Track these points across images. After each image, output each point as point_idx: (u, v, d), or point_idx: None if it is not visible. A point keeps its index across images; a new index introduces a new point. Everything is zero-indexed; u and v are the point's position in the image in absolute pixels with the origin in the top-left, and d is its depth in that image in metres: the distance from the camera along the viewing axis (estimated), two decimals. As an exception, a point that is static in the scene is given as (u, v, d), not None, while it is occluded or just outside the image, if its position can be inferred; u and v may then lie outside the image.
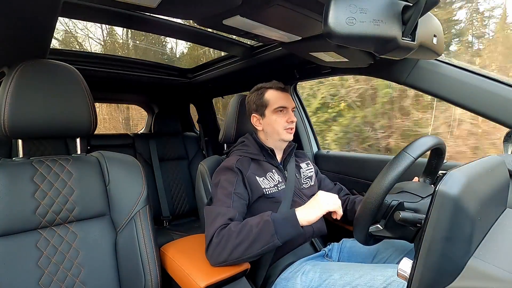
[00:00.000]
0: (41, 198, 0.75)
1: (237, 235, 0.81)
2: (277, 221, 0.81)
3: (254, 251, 0.80)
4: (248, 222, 0.84)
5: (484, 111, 0.85)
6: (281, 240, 0.79)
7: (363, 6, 0.52)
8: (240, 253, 0.80)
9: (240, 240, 0.80)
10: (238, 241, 0.80)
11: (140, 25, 1.14)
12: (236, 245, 0.80)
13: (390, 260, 0.95)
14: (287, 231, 0.80)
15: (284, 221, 0.81)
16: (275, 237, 0.79)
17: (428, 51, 0.72)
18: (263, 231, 0.80)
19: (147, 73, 1.80)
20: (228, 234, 0.82)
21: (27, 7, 0.62)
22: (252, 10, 0.75)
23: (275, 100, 1.06)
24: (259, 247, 0.80)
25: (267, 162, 1.06)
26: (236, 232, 0.81)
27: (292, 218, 0.81)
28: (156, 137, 2.18)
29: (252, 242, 0.79)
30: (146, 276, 0.83)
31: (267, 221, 0.81)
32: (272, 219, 0.81)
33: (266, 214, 0.84)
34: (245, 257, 0.81)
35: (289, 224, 0.81)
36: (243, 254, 0.80)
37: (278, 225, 0.80)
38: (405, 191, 0.72)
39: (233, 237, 0.81)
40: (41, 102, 0.74)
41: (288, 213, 0.84)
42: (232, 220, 0.86)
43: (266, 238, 0.79)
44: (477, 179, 0.50)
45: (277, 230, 0.79)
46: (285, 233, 0.80)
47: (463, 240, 0.45)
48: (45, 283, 0.72)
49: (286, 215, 0.83)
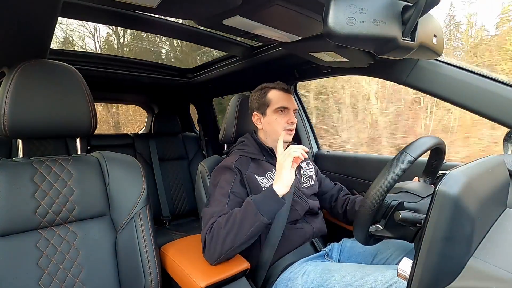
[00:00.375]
0: (41, 198, 0.75)
1: (224, 225, 0.82)
2: (257, 199, 0.82)
3: (243, 235, 0.80)
4: (234, 210, 0.85)
5: (484, 111, 0.85)
6: (265, 215, 0.80)
7: (363, 6, 0.52)
8: (231, 241, 0.81)
9: (228, 229, 0.81)
10: (226, 230, 0.81)
11: (140, 25, 1.14)
12: (225, 234, 0.81)
13: (390, 260, 0.95)
14: (269, 206, 0.81)
15: (263, 197, 0.83)
16: (259, 215, 0.80)
17: (428, 51, 0.72)
18: (246, 213, 0.81)
19: (147, 73, 1.81)
20: (217, 227, 0.84)
21: (27, 7, 0.62)
22: (252, 10, 0.76)
23: (277, 100, 1.07)
24: (247, 230, 0.80)
25: (267, 162, 1.06)
26: (223, 223, 0.83)
27: (270, 192, 0.82)
28: (156, 137, 2.18)
29: (239, 227, 0.80)
30: (146, 276, 0.83)
31: (248, 202, 0.83)
32: (253, 199, 0.83)
33: (248, 197, 0.85)
34: (238, 244, 0.81)
35: (269, 199, 0.82)
36: (234, 242, 0.81)
37: (259, 203, 0.81)
38: (405, 191, 0.72)
39: (222, 228, 0.82)
40: (41, 102, 0.74)
41: (266, 190, 0.84)
42: None
43: (251, 218, 0.80)
44: (477, 179, 0.50)
45: (259, 207, 0.80)
46: (268, 209, 0.81)
47: (463, 240, 0.45)
48: (45, 283, 0.72)
49: (265, 191, 0.84)
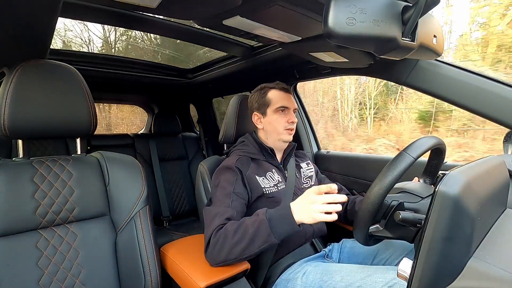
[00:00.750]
0: (41, 198, 0.75)
1: (233, 235, 0.80)
2: (273, 220, 0.79)
3: (252, 251, 0.80)
4: (245, 221, 0.83)
5: (484, 111, 0.85)
6: (278, 239, 0.78)
7: (363, 7, 0.52)
8: (238, 253, 0.80)
9: (237, 240, 0.80)
10: (235, 241, 0.80)
11: (140, 25, 1.14)
12: (233, 245, 0.80)
13: (390, 260, 0.95)
14: (283, 229, 0.79)
15: (279, 218, 0.79)
16: (271, 237, 0.78)
17: (428, 51, 0.72)
18: (259, 230, 0.79)
19: (147, 73, 1.80)
20: (225, 234, 0.82)
21: (27, 7, 0.62)
22: (252, 10, 0.76)
23: (277, 99, 1.07)
24: (257, 247, 0.79)
25: (267, 162, 1.06)
26: (232, 232, 0.81)
27: (288, 217, 0.78)
28: (156, 137, 2.18)
29: (249, 242, 0.79)
30: (146, 277, 0.83)
31: (263, 220, 0.80)
32: (268, 218, 0.79)
33: (262, 212, 0.83)
34: (244, 257, 0.81)
35: (285, 223, 0.79)
36: (241, 254, 0.80)
37: (274, 224, 0.78)
38: (405, 191, 0.72)
39: (230, 237, 0.81)
40: (41, 102, 0.74)
41: (283, 210, 0.80)
42: (230, 219, 0.86)
43: (263, 238, 0.78)
44: (477, 179, 0.50)
45: (273, 229, 0.78)
46: (282, 232, 0.79)
47: (463, 240, 0.45)
48: (45, 283, 0.72)
49: (282, 213, 0.80)
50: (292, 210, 0.79)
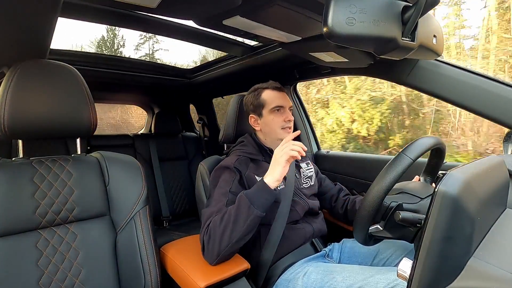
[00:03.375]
0: (41, 198, 0.75)
1: (220, 223, 0.83)
2: (249, 193, 0.84)
3: (240, 231, 0.81)
4: (228, 208, 0.86)
5: (484, 111, 0.85)
6: (259, 208, 0.81)
7: (363, 7, 0.52)
8: (228, 238, 0.82)
9: (224, 226, 0.82)
10: (222, 228, 0.82)
11: (140, 25, 1.14)
12: (222, 232, 0.82)
13: (391, 260, 0.95)
14: (261, 198, 0.83)
15: (255, 191, 0.84)
16: (252, 208, 0.81)
17: (428, 51, 0.72)
18: (240, 208, 0.82)
19: (147, 73, 1.80)
20: (213, 225, 0.84)
21: (27, 7, 0.62)
22: (252, 10, 0.76)
23: (271, 100, 1.07)
24: (242, 224, 0.81)
25: (266, 162, 1.06)
26: (218, 221, 0.84)
27: (262, 185, 0.84)
28: (156, 137, 2.18)
29: (234, 222, 0.81)
30: (146, 277, 0.83)
31: (241, 196, 0.85)
32: (245, 193, 0.85)
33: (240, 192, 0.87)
34: (235, 240, 0.82)
35: (261, 191, 0.84)
36: (231, 238, 0.82)
37: (251, 196, 0.83)
38: (404, 192, 0.72)
39: (217, 226, 0.83)
40: (41, 102, 0.74)
41: (258, 182, 0.86)
42: None
43: (245, 213, 0.81)
44: (477, 179, 0.50)
45: (252, 201, 0.82)
46: (260, 201, 0.82)
47: (463, 240, 0.45)
48: (45, 283, 0.72)
49: (256, 185, 0.86)
50: (264, 180, 0.85)
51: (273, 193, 0.84)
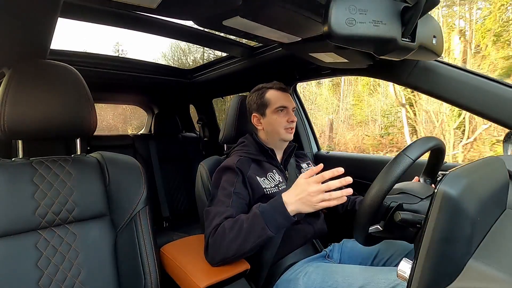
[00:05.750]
0: (41, 199, 0.75)
1: (229, 231, 0.81)
2: (266, 213, 0.79)
3: (248, 246, 0.79)
4: (240, 217, 0.84)
5: (484, 111, 0.85)
6: (273, 230, 0.78)
7: (363, 7, 0.53)
8: (235, 249, 0.80)
9: (233, 236, 0.80)
10: (231, 237, 0.80)
11: (140, 26, 1.14)
12: (230, 241, 0.80)
13: (391, 260, 0.95)
14: (277, 221, 0.79)
15: (273, 212, 0.79)
16: (266, 229, 0.78)
17: (427, 52, 0.72)
18: (253, 225, 0.79)
19: (147, 73, 1.80)
20: (222, 231, 0.82)
21: (27, 7, 0.62)
22: (252, 11, 0.76)
23: (275, 100, 1.07)
24: (253, 241, 0.79)
25: (268, 163, 1.06)
26: (228, 229, 0.82)
27: (280, 207, 0.79)
28: (156, 138, 2.18)
29: (245, 237, 0.79)
30: (146, 277, 0.83)
31: (256, 214, 0.80)
32: (260, 210, 0.80)
33: (255, 206, 0.83)
34: (241, 253, 0.81)
35: (279, 215, 0.79)
36: (239, 250, 0.80)
37: (267, 216, 0.79)
38: (404, 192, 0.72)
39: (226, 234, 0.81)
40: (41, 102, 0.74)
41: (275, 202, 0.80)
42: (229, 218, 0.87)
43: (258, 232, 0.78)
44: (477, 180, 0.50)
45: (267, 221, 0.78)
46: (276, 224, 0.79)
47: (462, 241, 0.45)
48: (45, 283, 0.72)
49: (274, 206, 0.80)
50: (285, 202, 0.79)
51: (291, 220, 0.79)
